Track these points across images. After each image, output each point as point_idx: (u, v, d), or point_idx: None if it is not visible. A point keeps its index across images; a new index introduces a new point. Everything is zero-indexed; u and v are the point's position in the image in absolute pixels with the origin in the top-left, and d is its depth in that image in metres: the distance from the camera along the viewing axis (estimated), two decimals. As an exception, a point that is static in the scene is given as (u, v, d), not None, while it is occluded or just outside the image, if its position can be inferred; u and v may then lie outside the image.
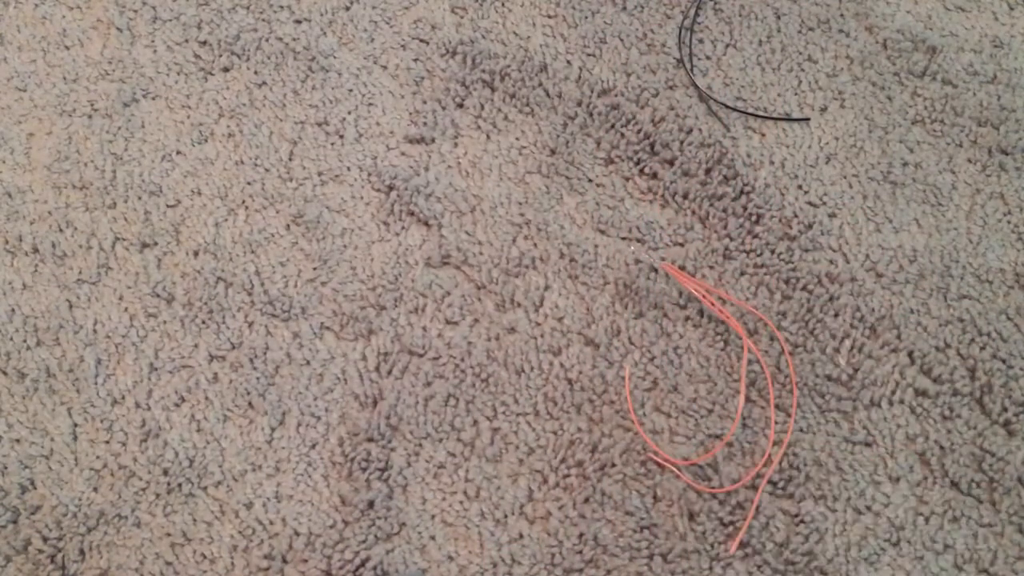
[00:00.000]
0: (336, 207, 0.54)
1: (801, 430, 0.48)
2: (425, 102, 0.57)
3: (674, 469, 0.46)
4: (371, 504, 0.45)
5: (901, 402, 0.48)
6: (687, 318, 0.51)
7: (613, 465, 0.47)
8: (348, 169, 0.55)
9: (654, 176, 0.55)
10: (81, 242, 0.52)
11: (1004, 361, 0.50)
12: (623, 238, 0.53)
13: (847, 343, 0.50)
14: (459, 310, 0.50)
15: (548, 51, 0.59)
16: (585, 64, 0.59)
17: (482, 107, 0.57)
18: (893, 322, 0.51)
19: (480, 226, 0.53)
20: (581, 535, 0.45)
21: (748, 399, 0.48)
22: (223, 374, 0.49)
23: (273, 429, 0.47)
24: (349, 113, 0.57)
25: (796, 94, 0.58)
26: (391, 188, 0.54)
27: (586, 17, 0.61)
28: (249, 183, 0.54)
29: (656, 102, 0.58)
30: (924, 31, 0.61)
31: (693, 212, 0.54)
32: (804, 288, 0.52)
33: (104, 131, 0.55)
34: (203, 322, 0.50)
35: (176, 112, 0.56)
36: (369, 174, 0.55)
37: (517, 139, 0.56)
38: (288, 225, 0.53)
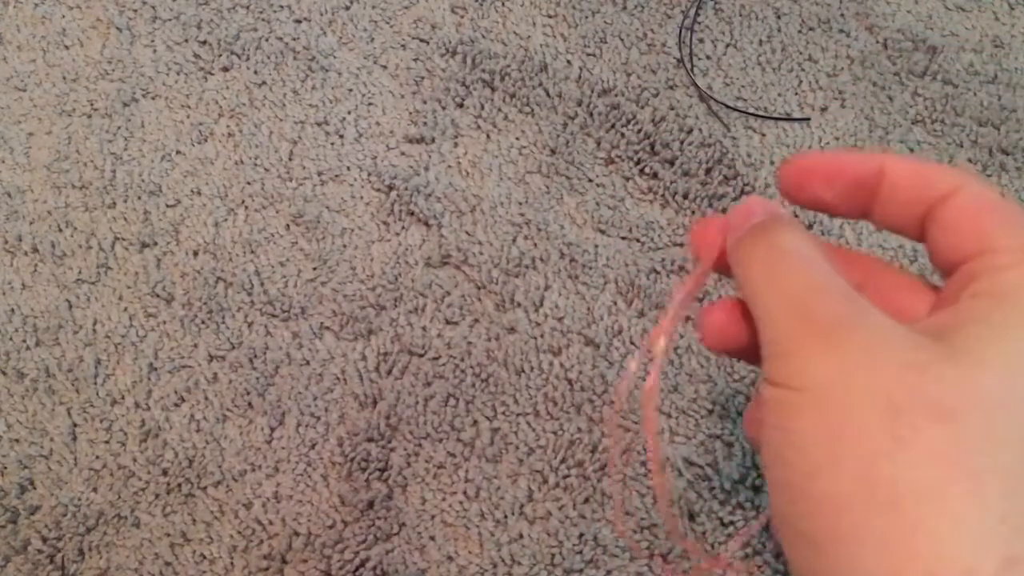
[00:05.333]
0: (336, 207, 0.53)
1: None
2: (425, 102, 0.57)
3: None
4: (371, 504, 0.45)
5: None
6: (687, 318, 0.51)
7: (613, 465, 0.47)
8: (348, 169, 0.55)
9: (654, 176, 0.55)
10: (80, 242, 0.52)
11: (1005, 361, 0.50)
12: (623, 238, 0.53)
13: (847, 343, 0.50)
14: (459, 310, 0.50)
15: (548, 51, 0.59)
16: (585, 64, 0.59)
17: (482, 107, 0.57)
18: (894, 322, 0.51)
19: (480, 226, 0.53)
20: (581, 535, 0.45)
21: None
22: (223, 374, 0.49)
23: (272, 429, 0.47)
24: (349, 113, 0.57)
25: (796, 94, 0.58)
26: (391, 188, 0.54)
27: (586, 17, 0.61)
28: (249, 183, 0.54)
29: (656, 102, 0.57)
30: (925, 31, 0.61)
31: (693, 212, 0.54)
32: (804, 288, 0.51)
33: (104, 131, 0.55)
34: (203, 322, 0.50)
35: (176, 112, 0.56)
36: (369, 174, 0.55)
37: (517, 139, 0.56)
38: (288, 225, 0.53)
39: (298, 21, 0.60)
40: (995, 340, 0.18)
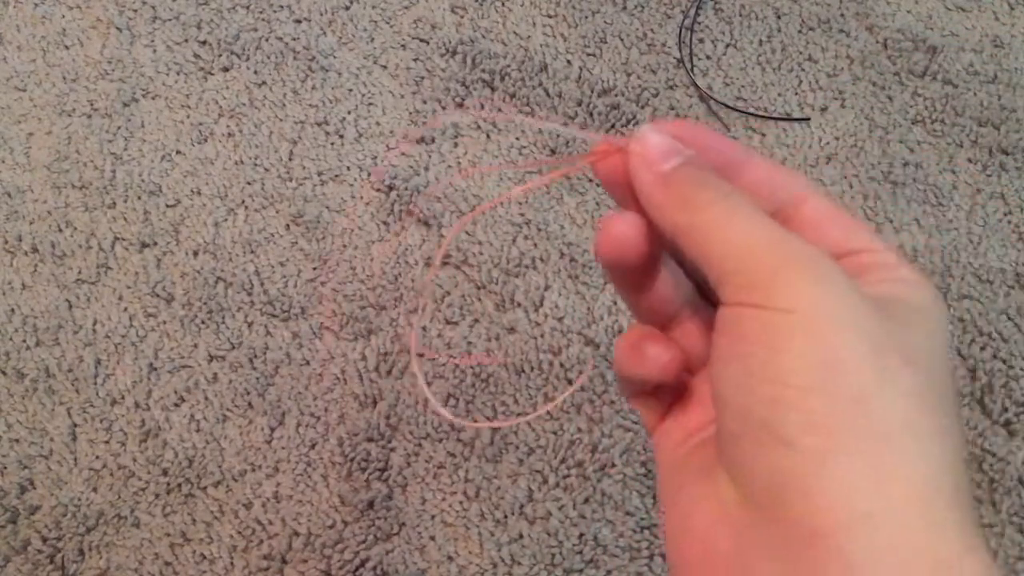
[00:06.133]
0: (336, 207, 0.53)
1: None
2: (425, 102, 0.57)
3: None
4: (370, 504, 0.45)
5: (901, 402, 0.48)
6: (687, 318, 0.51)
7: (613, 465, 0.47)
8: (348, 169, 0.55)
9: (654, 176, 0.55)
10: (80, 242, 0.52)
11: (1004, 361, 0.50)
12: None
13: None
14: (459, 310, 0.50)
15: (548, 51, 0.59)
16: (585, 64, 0.59)
17: (482, 107, 0.57)
18: (893, 322, 0.51)
19: (480, 226, 0.53)
20: (581, 535, 0.45)
21: None
22: (222, 374, 0.49)
23: (272, 429, 0.47)
24: (349, 113, 0.57)
25: (796, 94, 0.58)
26: (391, 188, 0.54)
27: (586, 17, 0.61)
28: (249, 183, 0.54)
29: (656, 102, 0.57)
30: (925, 31, 0.61)
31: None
32: (804, 288, 0.51)
33: (104, 131, 0.55)
34: (203, 322, 0.50)
35: (176, 112, 0.56)
36: (369, 174, 0.55)
37: (517, 139, 0.56)
38: (288, 225, 0.53)
39: (298, 21, 0.60)
40: (918, 315, 0.21)
